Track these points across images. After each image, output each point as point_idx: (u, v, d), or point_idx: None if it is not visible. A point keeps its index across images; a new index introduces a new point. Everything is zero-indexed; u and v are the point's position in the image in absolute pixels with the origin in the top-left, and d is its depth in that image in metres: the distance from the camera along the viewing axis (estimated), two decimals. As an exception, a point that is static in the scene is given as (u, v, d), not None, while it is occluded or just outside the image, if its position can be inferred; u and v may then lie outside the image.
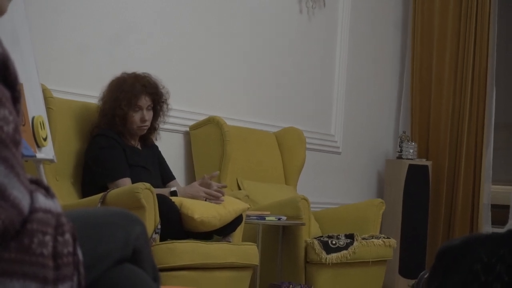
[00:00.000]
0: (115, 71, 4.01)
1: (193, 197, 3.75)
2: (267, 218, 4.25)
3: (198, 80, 4.95)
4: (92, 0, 4.29)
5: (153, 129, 4.04)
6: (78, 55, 4.20)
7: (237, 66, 5.23)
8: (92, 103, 4.03)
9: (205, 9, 4.97)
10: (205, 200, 3.75)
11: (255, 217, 4.21)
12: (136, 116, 3.87)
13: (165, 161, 4.15)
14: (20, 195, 1.08)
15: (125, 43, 4.46)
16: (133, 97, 3.84)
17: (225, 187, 3.98)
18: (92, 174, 3.79)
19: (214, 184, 3.82)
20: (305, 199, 4.50)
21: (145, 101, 3.89)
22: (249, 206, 4.02)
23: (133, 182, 3.67)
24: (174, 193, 3.77)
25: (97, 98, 4.00)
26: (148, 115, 3.92)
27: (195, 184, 3.84)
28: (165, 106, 4.01)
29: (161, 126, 4.12)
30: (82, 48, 4.22)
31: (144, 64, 4.28)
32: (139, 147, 4.00)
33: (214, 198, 3.77)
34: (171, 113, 4.14)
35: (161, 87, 3.97)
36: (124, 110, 3.83)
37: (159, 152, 4.13)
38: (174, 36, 4.77)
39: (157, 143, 4.16)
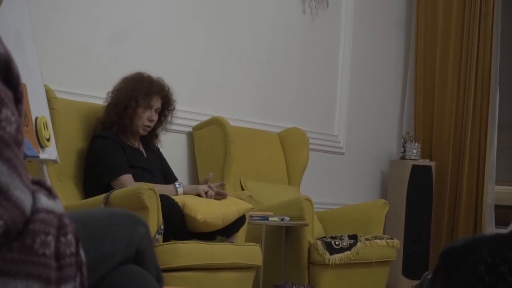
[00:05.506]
0: (117, 71, 4.03)
1: (196, 189, 3.80)
2: (270, 219, 4.24)
3: (201, 81, 4.95)
4: (93, 1, 4.29)
5: (154, 135, 4.06)
6: (79, 54, 4.21)
7: (240, 67, 5.23)
8: (95, 104, 4.04)
9: (207, 9, 4.97)
10: (206, 193, 3.79)
11: (258, 218, 4.21)
12: (145, 114, 3.90)
13: (167, 163, 4.16)
14: (23, 195, 1.08)
15: (126, 43, 4.46)
16: (149, 94, 3.89)
17: (223, 185, 4.01)
18: (94, 174, 3.81)
19: (213, 186, 3.85)
20: (309, 200, 4.49)
21: (156, 103, 3.94)
22: (252, 206, 4.02)
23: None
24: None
25: (99, 98, 4.01)
26: (155, 117, 3.95)
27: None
28: (170, 115, 4.04)
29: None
30: (84, 47, 4.22)
31: (147, 64, 4.28)
32: (141, 148, 4.01)
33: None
34: (174, 113, 4.15)
35: (172, 95, 4.00)
36: (139, 103, 3.87)
37: (161, 154, 4.14)
38: (176, 36, 4.77)
39: (159, 143, 4.16)
